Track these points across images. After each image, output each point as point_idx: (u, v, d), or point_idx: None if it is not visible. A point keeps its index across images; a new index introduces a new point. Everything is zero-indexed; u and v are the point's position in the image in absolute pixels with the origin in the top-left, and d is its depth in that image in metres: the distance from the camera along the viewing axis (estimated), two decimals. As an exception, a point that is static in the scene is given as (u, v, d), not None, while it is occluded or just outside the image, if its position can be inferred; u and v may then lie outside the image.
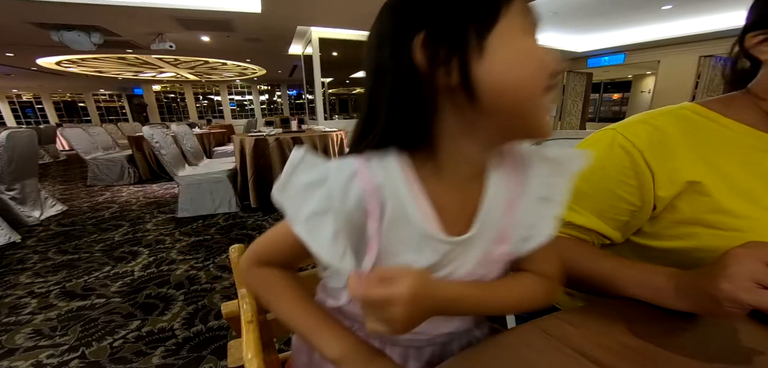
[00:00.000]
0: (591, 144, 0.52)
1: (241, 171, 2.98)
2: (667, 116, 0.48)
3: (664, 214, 0.47)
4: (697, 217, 0.44)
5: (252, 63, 8.82)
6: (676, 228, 0.46)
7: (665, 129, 0.47)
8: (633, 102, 12.06)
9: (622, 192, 0.47)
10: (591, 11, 5.44)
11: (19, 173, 2.70)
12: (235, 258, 0.54)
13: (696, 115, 0.48)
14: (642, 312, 0.39)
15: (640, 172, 0.46)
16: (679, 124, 0.47)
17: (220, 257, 2.06)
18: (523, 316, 0.73)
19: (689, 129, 0.47)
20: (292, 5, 4.10)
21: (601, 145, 0.50)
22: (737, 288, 0.31)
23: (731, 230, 0.42)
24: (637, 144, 0.46)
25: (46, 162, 6.89)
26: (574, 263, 0.47)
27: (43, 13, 4.00)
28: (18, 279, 1.86)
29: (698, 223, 0.44)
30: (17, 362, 1.24)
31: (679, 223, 0.46)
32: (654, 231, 0.49)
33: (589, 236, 0.51)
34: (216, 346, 1.30)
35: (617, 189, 0.47)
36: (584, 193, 0.50)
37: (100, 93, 14.21)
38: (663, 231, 0.48)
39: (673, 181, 0.44)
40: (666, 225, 0.47)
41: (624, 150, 0.47)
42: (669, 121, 0.47)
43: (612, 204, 0.48)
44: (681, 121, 0.47)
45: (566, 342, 0.34)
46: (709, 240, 0.44)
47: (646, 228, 0.50)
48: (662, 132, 0.46)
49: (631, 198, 0.47)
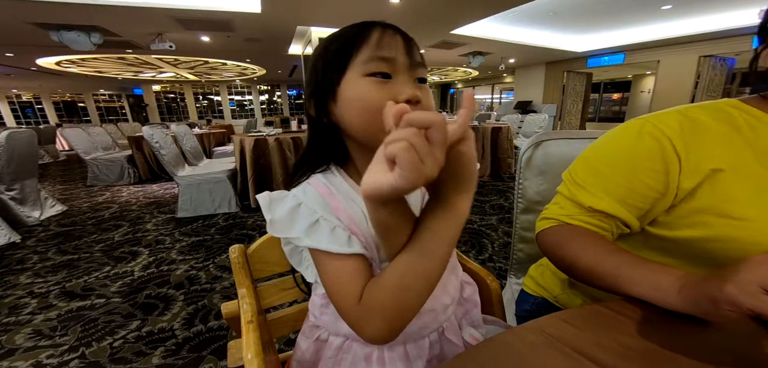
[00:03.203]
0: (619, 132, 0.52)
1: (241, 171, 2.97)
2: (702, 108, 0.48)
3: (683, 204, 0.46)
4: (712, 205, 0.44)
5: (252, 63, 8.82)
6: (690, 217, 0.46)
7: (698, 118, 0.46)
8: (633, 102, 12.06)
9: (647, 179, 0.47)
10: (591, 11, 5.44)
11: (18, 173, 2.70)
12: (235, 258, 0.54)
13: (734, 109, 0.47)
14: (642, 313, 0.39)
15: (668, 158, 0.46)
16: (714, 114, 0.47)
17: (220, 257, 2.06)
18: (524, 316, 0.74)
19: (724, 119, 0.46)
20: (292, 5, 4.10)
21: (630, 133, 0.50)
22: (742, 293, 0.30)
23: (743, 219, 0.42)
24: (667, 132, 0.46)
25: (46, 162, 6.89)
26: (582, 255, 0.47)
27: (43, 13, 4.00)
28: (18, 279, 1.86)
29: (712, 212, 0.44)
30: (17, 362, 1.24)
31: (694, 212, 0.45)
32: (668, 221, 0.49)
33: (609, 223, 0.51)
34: (216, 346, 1.30)
35: (643, 175, 0.47)
36: (608, 179, 0.50)
37: (100, 93, 14.20)
38: (677, 220, 0.48)
39: (698, 169, 0.44)
40: (682, 214, 0.47)
41: (653, 137, 0.47)
42: (703, 112, 0.47)
43: (636, 190, 0.48)
44: (716, 112, 0.47)
45: (566, 342, 0.34)
46: (720, 230, 0.43)
47: (661, 218, 0.49)
48: (694, 121, 0.46)
49: (656, 184, 0.47)
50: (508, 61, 9.06)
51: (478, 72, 11.88)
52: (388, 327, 0.33)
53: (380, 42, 0.37)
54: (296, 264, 0.47)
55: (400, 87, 0.37)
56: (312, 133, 0.45)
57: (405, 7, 4.26)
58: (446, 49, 7.08)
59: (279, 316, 0.62)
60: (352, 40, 0.38)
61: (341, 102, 0.38)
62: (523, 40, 6.78)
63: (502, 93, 15.00)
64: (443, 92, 17.98)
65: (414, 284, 0.33)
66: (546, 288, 0.69)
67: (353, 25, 0.40)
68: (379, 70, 0.37)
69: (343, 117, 0.39)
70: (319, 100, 0.41)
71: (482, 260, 1.99)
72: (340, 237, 0.37)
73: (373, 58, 0.37)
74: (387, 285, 0.34)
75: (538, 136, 0.81)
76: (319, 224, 0.37)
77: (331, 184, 0.42)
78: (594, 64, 8.43)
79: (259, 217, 2.77)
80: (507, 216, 2.73)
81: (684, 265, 0.48)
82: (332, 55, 0.39)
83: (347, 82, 0.38)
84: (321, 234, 0.37)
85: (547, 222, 0.56)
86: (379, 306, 0.33)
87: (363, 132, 0.38)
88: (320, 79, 0.40)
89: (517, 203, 0.87)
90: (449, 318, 0.47)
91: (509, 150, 4.26)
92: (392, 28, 0.39)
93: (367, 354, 0.43)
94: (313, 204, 0.39)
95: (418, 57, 0.39)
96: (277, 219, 0.38)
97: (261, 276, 0.58)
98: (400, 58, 0.37)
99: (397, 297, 0.33)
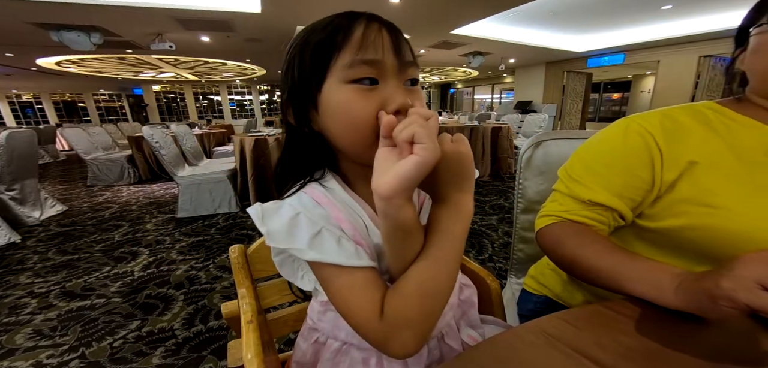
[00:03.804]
0: (608, 132, 0.55)
1: (241, 171, 2.98)
2: (682, 109, 0.52)
3: (666, 195, 0.49)
4: (692, 196, 0.46)
5: (252, 63, 8.82)
6: (672, 208, 0.48)
7: (678, 117, 0.50)
8: (633, 102, 12.07)
9: (638, 171, 0.50)
10: (591, 11, 5.45)
11: (18, 173, 2.70)
12: (235, 258, 0.54)
13: (709, 110, 0.51)
14: (642, 312, 0.39)
15: (653, 153, 0.49)
16: (692, 115, 0.50)
17: (220, 257, 2.06)
18: (527, 315, 0.74)
19: (701, 119, 0.50)
20: (292, 5, 4.10)
21: (618, 132, 0.53)
22: (738, 288, 0.31)
23: (719, 208, 0.44)
24: (650, 129, 0.50)
25: (46, 162, 6.88)
26: (582, 252, 0.49)
27: (43, 13, 4.01)
28: (18, 279, 1.86)
29: (692, 202, 0.46)
30: (17, 362, 1.24)
31: (676, 202, 0.48)
32: (653, 213, 0.51)
33: (606, 215, 0.53)
34: (216, 346, 1.30)
35: (634, 167, 0.50)
36: (603, 175, 0.53)
37: (100, 93, 14.21)
38: (661, 211, 0.50)
39: (678, 163, 0.47)
40: (665, 205, 0.49)
41: (638, 134, 0.50)
42: (683, 113, 0.51)
43: (629, 183, 0.51)
44: (695, 113, 0.51)
45: (566, 342, 0.34)
46: (699, 218, 0.45)
47: (647, 210, 0.52)
48: (674, 120, 0.50)
49: (645, 176, 0.49)
50: (508, 61, 9.07)
51: (478, 72, 11.88)
52: (416, 339, 0.31)
53: (364, 41, 0.32)
54: (288, 274, 0.44)
55: (390, 93, 0.33)
56: (291, 140, 0.40)
57: (405, 7, 4.27)
58: (446, 49, 7.09)
59: (279, 316, 0.62)
60: (330, 39, 0.33)
61: (323, 112, 0.35)
62: (523, 40, 6.79)
63: (502, 93, 15.01)
64: (443, 92, 17.98)
65: (436, 289, 0.32)
66: (547, 286, 0.69)
67: (332, 18, 0.34)
68: (364, 76, 0.32)
69: (327, 128, 0.36)
70: (297, 108, 0.37)
71: (482, 260, 1.99)
72: (347, 249, 0.33)
73: (357, 63, 0.32)
74: (410, 294, 0.31)
75: (538, 136, 0.81)
76: (323, 235, 0.34)
77: (329, 193, 0.38)
78: (594, 64, 8.44)
79: (259, 217, 2.77)
80: (507, 216, 2.73)
81: (669, 255, 0.51)
82: (310, 56, 0.34)
83: (328, 91, 0.34)
84: (327, 246, 0.33)
85: (546, 220, 0.56)
86: (406, 319, 0.31)
87: (351, 146, 0.35)
88: (297, 83, 0.35)
89: (517, 203, 0.87)
90: (448, 324, 0.47)
91: (509, 150, 4.26)
92: (377, 22, 0.34)
93: (365, 358, 0.42)
94: (312, 213, 0.35)
95: (409, 55, 0.35)
96: (274, 231, 0.34)
97: (261, 276, 0.58)
98: (388, 58, 0.33)
99: (422, 306, 0.31)
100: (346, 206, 0.38)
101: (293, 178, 0.40)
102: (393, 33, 0.34)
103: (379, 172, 0.29)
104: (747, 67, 0.47)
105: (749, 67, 0.47)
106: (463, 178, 0.33)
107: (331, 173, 0.40)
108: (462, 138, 0.33)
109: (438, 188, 0.33)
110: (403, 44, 0.35)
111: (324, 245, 0.33)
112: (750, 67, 0.47)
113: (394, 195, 0.28)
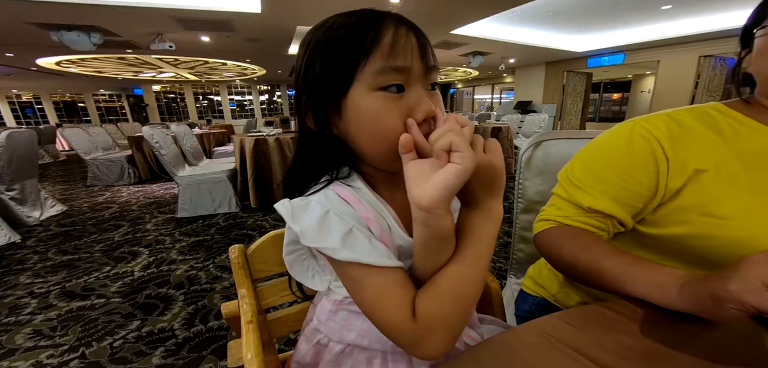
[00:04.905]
0: (612, 134, 0.54)
1: (241, 171, 2.97)
2: (689, 112, 0.50)
3: (669, 202, 0.48)
4: (696, 204, 0.45)
5: (252, 63, 8.82)
6: (675, 215, 0.47)
7: (684, 121, 0.48)
8: (633, 102, 12.06)
9: (641, 177, 0.48)
10: (591, 11, 5.44)
11: (18, 173, 2.70)
12: (235, 258, 0.54)
13: (716, 112, 0.49)
14: (642, 313, 0.39)
15: (658, 159, 0.47)
16: (699, 117, 0.49)
17: (220, 257, 2.06)
18: (523, 316, 0.74)
19: (708, 122, 0.48)
20: (292, 5, 4.10)
21: (622, 135, 0.52)
22: (746, 290, 0.30)
23: (724, 218, 0.43)
24: (656, 134, 0.48)
25: (46, 162, 6.88)
26: (581, 256, 0.48)
27: (43, 13, 4.00)
28: (18, 279, 1.86)
29: (696, 211, 0.45)
30: (17, 362, 1.24)
31: (679, 210, 0.47)
32: (654, 219, 0.50)
33: (606, 223, 0.52)
34: (216, 346, 1.30)
35: (636, 173, 0.49)
36: (604, 180, 0.51)
37: (100, 93, 14.20)
38: (663, 218, 0.49)
39: (684, 170, 0.46)
40: (667, 212, 0.48)
41: (643, 139, 0.49)
42: (690, 115, 0.49)
43: (630, 189, 0.49)
44: (702, 116, 0.49)
45: (566, 342, 0.34)
46: (702, 228, 0.45)
47: (648, 216, 0.51)
48: (680, 124, 0.48)
49: (649, 183, 0.48)
50: (508, 61, 9.06)
51: (478, 72, 11.88)
52: (449, 339, 0.31)
53: (394, 47, 0.31)
54: (297, 274, 0.43)
55: (416, 100, 0.33)
56: (307, 143, 0.39)
57: (405, 7, 4.26)
58: (446, 49, 7.09)
59: (279, 316, 0.62)
60: (359, 42, 0.32)
61: (348, 117, 0.34)
62: (523, 40, 6.78)
63: (502, 93, 15.01)
64: (443, 92, 17.99)
65: (469, 290, 0.32)
66: (544, 287, 0.69)
67: (359, 18, 0.33)
68: (393, 83, 0.32)
69: (351, 134, 0.35)
70: (317, 110, 0.35)
71: (482, 260, 1.99)
72: (379, 249, 0.33)
73: (387, 70, 0.31)
74: (444, 295, 0.31)
75: (537, 136, 0.81)
76: (355, 234, 0.33)
77: (356, 192, 0.37)
78: (594, 64, 8.43)
79: (259, 217, 2.77)
80: (507, 216, 2.70)
81: (669, 261, 0.50)
82: (334, 58, 0.32)
83: (355, 97, 0.33)
84: (360, 246, 0.32)
85: (545, 224, 0.56)
86: (442, 319, 0.31)
87: (376, 155, 0.35)
88: (319, 85, 0.34)
89: (517, 203, 0.87)
90: None
91: (509, 150, 4.26)
92: (405, 25, 0.33)
93: (369, 357, 0.42)
94: (340, 211, 0.34)
95: (433, 60, 0.35)
96: (306, 229, 0.32)
97: (261, 276, 0.58)
98: (416, 65, 0.33)
99: (457, 306, 0.32)
100: (373, 207, 0.37)
101: (308, 181, 0.38)
102: (420, 39, 0.34)
103: (415, 181, 0.29)
104: (753, 69, 0.47)
105: (756, 70, 0.46)
106: (496, 187, 0.33)
107: (356, 173, 0.39)
108: (495, 148, 0.32)
109: (470, 193, 0.34)
110: (429, 49, 0.35)
111: (357, 245, 0.32)
112: (757, 69, 0.46)
113: (436, 206, 0.28)
